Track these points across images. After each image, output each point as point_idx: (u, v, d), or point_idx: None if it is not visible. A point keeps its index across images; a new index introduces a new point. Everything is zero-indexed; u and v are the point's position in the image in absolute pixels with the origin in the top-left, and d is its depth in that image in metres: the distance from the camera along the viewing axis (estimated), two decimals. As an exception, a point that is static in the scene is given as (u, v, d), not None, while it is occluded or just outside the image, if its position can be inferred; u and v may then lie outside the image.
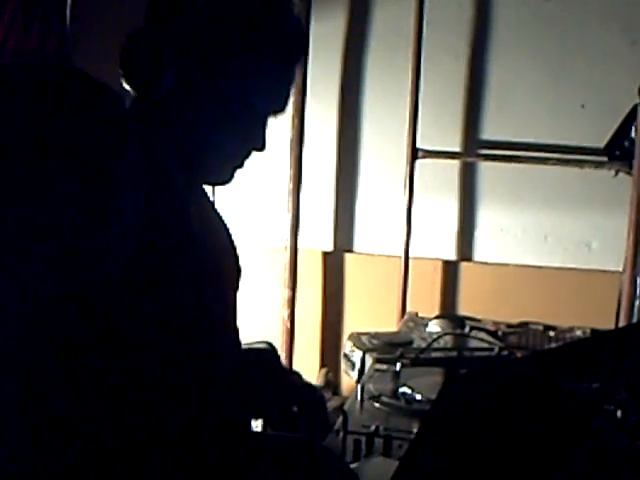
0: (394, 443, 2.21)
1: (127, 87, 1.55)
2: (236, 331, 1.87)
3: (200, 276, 1.58)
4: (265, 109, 1.55)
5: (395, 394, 2.57)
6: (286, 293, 4.14)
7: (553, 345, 3.21)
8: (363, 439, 2.21)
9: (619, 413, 2.08)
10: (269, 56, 1.48)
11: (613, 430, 1.88)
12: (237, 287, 1.88)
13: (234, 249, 1.85)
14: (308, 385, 1.88)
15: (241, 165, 1.61)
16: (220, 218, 1.83)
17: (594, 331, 3.44)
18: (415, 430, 2.26)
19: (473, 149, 4.19)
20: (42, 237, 1.21)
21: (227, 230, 1.84)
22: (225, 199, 3.91)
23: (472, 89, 4.18)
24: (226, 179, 1.62)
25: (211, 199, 1.82)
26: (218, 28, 1.46)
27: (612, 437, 1.84)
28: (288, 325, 4.19)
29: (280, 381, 1.84)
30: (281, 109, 1.57)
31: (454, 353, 3.04)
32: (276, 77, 1.52)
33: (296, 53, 1.54)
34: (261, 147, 1.57)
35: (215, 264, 1.68)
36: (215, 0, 1.48)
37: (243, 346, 1.88)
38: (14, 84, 1.27)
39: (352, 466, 2.04)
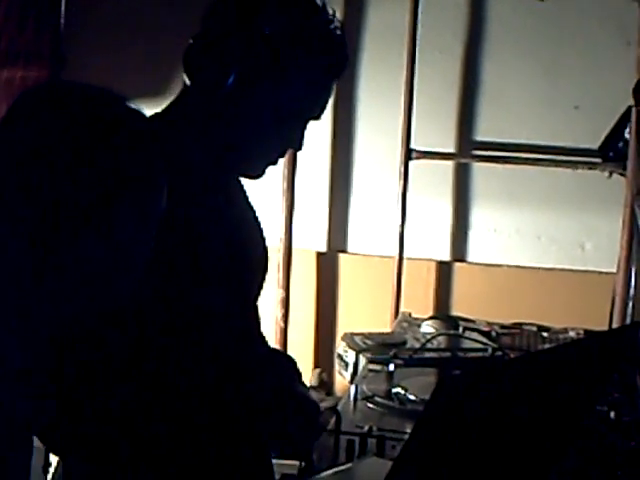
0: (387, 443, 2.21)
1: (187, 81, 1.71)
2: (257, 323, 2.00)
3: (222, 267, 1.72)
4: (308, 115, 1.77)
5: (388, 394, 2.56)
6: (280, 293, 4.14)
7: (547, 346, 3.21)
8: (356, 439, 2.20)
9: (612, 414, 2.08)
10: (319, 71, 1.71)
11: (606, 431, 1.88)
12: (261, 281, 1.98)
13: (263, 243, 1.98)
14: (308, 397, 1.98)
15: (275, 162, 1.83)
16: (253, 212, 1.96)
17: (587, 332, 3.44)
18: (409, 430, 2.26)
19: (467, 150, 4.19)
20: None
21: (258, 224, 1.97)
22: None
23: (466, 89, 4.18)
24: (260, 173, 1.81)
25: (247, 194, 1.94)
26: (283, 43, 1.64)
27: (606, 437, 1.84)
28: (282, 325, 4.19)
29: (286, 388, 1.94)
30: (320, 115, 1.80)
31: (447, 354, 3.03)
32: (322, 88, 1.76)
33: (341, 67, 1.78)
34: (298, 147, 1.83)
35: (240, 256, 1.81)
36: (284, 18, 1.65)
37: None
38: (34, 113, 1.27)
39: (345, 466, 2.04)
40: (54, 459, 2.24)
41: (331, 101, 4.36)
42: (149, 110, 2.25)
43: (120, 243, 1.26)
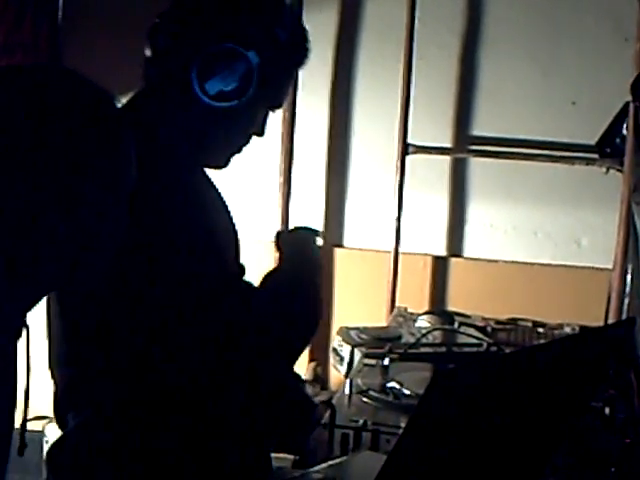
0: (382, 438, 2.21)
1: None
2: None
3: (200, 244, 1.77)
4: (272, 103, 1.80)
5: (383, 389, 2.57)
6: (275, 287, 4.12)
7: (542, 342, 3.21)
8: (351, 433, 2.20)
9: (607, 410, 2.08)
10: (285, 64, 1.77)
11: (601, 427, 1.88)
12: (235, 260, 1.99)
13: (234, 229, 2.00)
14: (302, 391, 2.11)
15: (240, 151, 1.85)
16: (222, 200, 1.97)
17: (583, 328, 3.44)
18: (403, 425, 2.26)
19: (464, 145, 4.19)
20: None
21: (228, 212, 1.98)
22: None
23: (463, 85, 4.17)
24: (222, 164, 1.85)
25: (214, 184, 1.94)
26: (250, 40, 1.71)
27: (600, 434, 1.84)
28: (277, 319, 4.19)
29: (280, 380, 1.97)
30: (281, 104, 1.83)
31: (443, 349, 3.03)
32: (285, 80, 1.80)
33: (302, 60, 1.83)
34: (261, 134, 1.84)
35: (212, 240, 1.83)
36: (254, 17, 1.73)
37: None
38: (12, 87, 1.29)
39: (339, 460, 2.04)
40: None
41: (328, 96, 4.39)
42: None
43: (89, 218, 1.29)
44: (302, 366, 4.22)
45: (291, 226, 4.13)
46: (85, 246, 1.31)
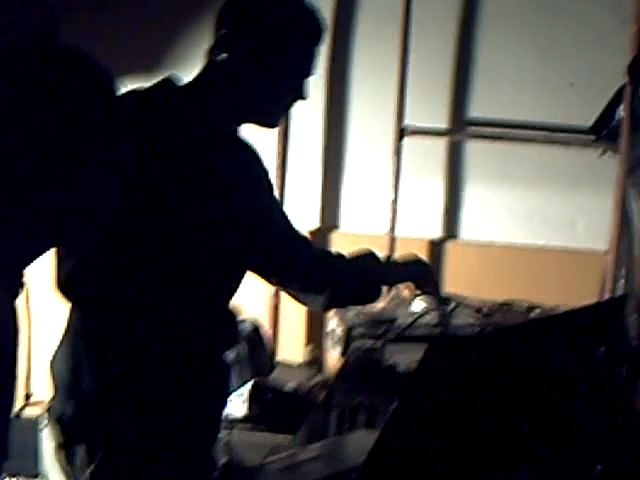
0: (377, 417, 2.22)
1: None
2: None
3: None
4: (305, 72, 2.25)
5: (379, 370, 2.58)
6: (272, 270, 4.14)
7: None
8: (347, 413, 2.22)
9: (598, 387, 2.09)
10: (309, 42, 2.24)
11: (593, 404, 1.89)
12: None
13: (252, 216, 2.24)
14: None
15: (287, 112, 2.33)
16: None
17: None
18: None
19: (460, 127, 4.19)
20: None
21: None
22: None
23: (460, 67, 4.17)
24: (276, 122, 2.31)
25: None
26: (284, 28, 2.21)
27: (592, 411, 1.85)
28: (274, 302, 4.20)
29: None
30: (313, 72, 2.27)
31: (438, 330, 3.05)
32: (313, 53, 2.25)
33: (323, 36, 2.26)
34: (304, 97, 2.27)
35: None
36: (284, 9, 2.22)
37: None
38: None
39: (336, 439, 2.06)
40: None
41: (324, 78, 4.38)
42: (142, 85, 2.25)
43: (84, 189, 1.34)
44: (299, 349, 4.24)
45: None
46: (79, 210, 1.36)
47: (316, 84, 4.26)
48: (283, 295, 4.17)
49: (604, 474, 1.78)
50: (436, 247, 4.24)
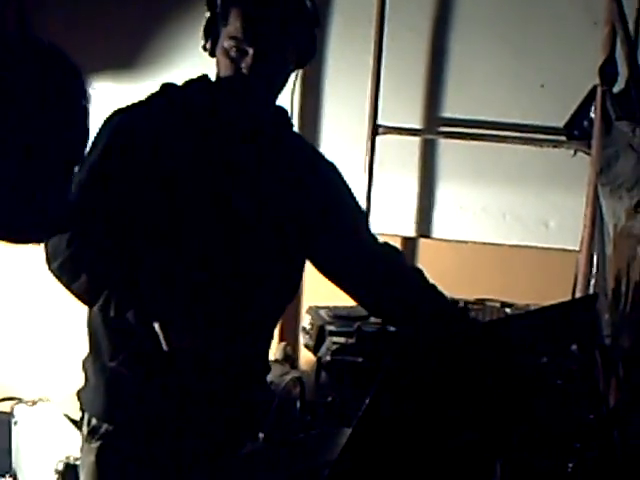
0: (350, 414, 2.23)
1: None
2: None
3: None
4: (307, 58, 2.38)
5: (352, 367, 2.59)
6: (246, 267, 4.13)
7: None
8: (320, 409, 2.22)
9: (570, 386, 2.11)
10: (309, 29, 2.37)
11: (565, 402, 1.91)
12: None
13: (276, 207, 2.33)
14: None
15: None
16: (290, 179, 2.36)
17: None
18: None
19: (434, 126, 4.20)
20: None
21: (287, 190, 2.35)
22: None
23: (434, 67, 4.19)
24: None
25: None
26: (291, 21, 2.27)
27: (565, 409, 1.87)
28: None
29: None
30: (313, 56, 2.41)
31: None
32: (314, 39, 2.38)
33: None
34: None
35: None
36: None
37: None
38: None
39: (309, 435, 2.06)
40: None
41: (299, 76, 4.38)
42: (123, 83, 2.26)
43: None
44: (272, 346, 4.24)
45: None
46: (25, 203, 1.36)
47: (291, 82, 4.27)
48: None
49: (577, 471, 1.80)
50: (409, 245, 4.24)
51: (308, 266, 4.25)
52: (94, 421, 2.25)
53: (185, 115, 2.19)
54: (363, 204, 4.14)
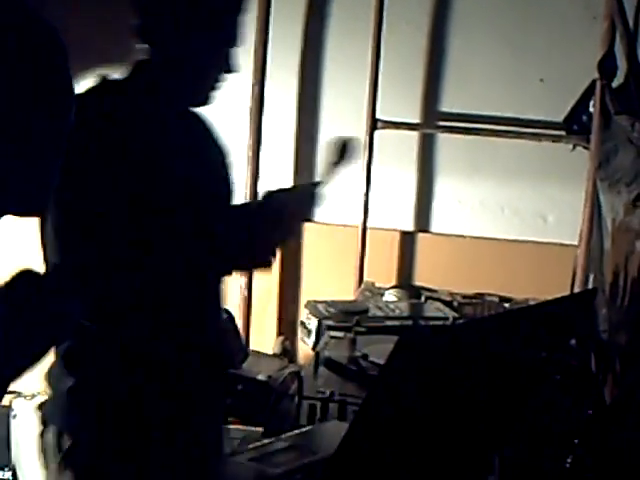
0: (348, 408, 2.23)
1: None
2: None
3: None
4: (230, 45, 2.19)
5: (350, 361, 2.59)
6: (244, 261, 4.13)
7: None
8: (318, 404, 2.22)
9: (569, 381, 2.11)
10: (225, 16, 2.18)
11: (564, 398, 1.91)
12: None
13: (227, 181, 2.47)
14: None
15: (217, 88, 2.22)
16: (222, 155, 2.46)
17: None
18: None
19: (432, 121, 4.20)
20: None
21: (225, 165, 2.48)
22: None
23: (432, 61, 4.18)
24: (206, 99, 2.23)
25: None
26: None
27: (563, 405, 1.87)
28: (245, 293, 4.20)
29: None
30: (238, 43, 2.20)
31: (409, 322, 3.06)
32: (229, 26, 2.19)
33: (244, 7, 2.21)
34: (232, 70, 2.20)
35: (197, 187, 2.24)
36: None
37: None
38: None
39: (307, 430, 2.06)
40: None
41: (297, 70, 4.38)
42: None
43: (31, 151, 1.31)
44: (271, 340, 4.24)
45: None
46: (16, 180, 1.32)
47: (289, 77, 4.28)
48: (255, 286, 4.19)
49: (575, 466, 1.80)
50: (408, 239, 4.25)
51: (307, 261, 4.28)
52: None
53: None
54: (361, 198, 4.14)
